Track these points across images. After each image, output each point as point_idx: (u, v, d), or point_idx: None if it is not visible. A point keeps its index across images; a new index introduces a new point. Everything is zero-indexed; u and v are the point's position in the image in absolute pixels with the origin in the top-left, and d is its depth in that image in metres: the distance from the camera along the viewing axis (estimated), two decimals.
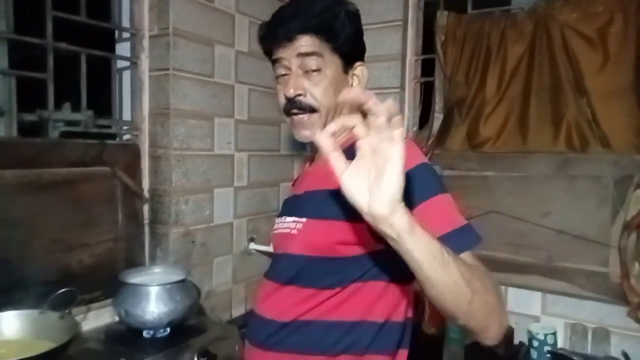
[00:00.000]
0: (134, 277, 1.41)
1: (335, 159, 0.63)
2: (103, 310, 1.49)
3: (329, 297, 0.87)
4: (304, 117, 0.93)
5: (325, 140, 0.64)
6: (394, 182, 0.59)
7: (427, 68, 2.05)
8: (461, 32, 1.88)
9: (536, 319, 1.76)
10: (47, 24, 1.38)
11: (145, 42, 1.65)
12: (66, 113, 1.44)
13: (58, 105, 1.43)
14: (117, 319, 1.47)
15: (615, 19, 1.62)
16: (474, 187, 1.86)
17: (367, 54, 2.14)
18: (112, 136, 1.64)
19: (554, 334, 1.64)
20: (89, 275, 1.45)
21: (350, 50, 0.94)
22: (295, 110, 0.93)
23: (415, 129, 2.06)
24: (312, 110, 0.92)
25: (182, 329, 1.41)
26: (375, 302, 0.87)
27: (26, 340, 1.16)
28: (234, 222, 1.90)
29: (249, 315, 1.02)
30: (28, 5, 1.39)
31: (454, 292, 0.65)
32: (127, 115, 1.69)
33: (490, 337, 0.72)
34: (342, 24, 0.92)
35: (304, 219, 0.91)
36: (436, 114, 1.94)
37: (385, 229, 0.62)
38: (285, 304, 0.91)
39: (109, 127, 1.61)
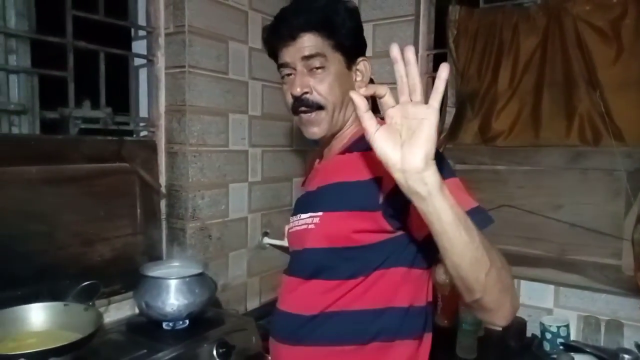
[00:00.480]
0: (154, 271, 1.45)
1: (368, 118, 0.68)
2: (123, 303, 1.52)
3: (352, 287, 0.88)
4: (312, 114, 0.95)
5: (359, 99, 0.69)
6: (431, 137, 0.63)
7: (439, 62, 2.05)
8: (473, 27, 1.88)
9: (549, 311, 1.77)
10: (67, 23, 1.41)
11: (161, 40, 1.67)
12: (86, 110, 1.47)
13: (77, 103, 1.47)
14: (137, 311, 1.51)
15: (629, 11, 1.61)
16: (486, 180, 1.87)
17: (379, 49, 2.15)
18: (129, 133, 1.68)
19: (567, 326, 1.66)
20: (109, 269, 1.49)
21: (351, 45, 0.96)
22: (303, 108, 0.96)
23: None
24: (319, 107, 0.95)
25: (200, 321, 1.45)
26: (399, 287, 0.88)
27: (52, 331, 1.20)
28: (249, 216, 1.93)
29: (273, 312, 1.04)
30: (48, 5, 1.42)
31: (475, 260, 0.68)
32: (143, 112, 1.72)
33: (503, 316, 0.74)
34: (343, 20, 0.94)
35: (320, 213, 0.92)
36: (448, 108, 1.95)
37: (417, 185, 0.64)
38: (310, 298, 0.92)
39: (126, 124, 1.64)
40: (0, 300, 1.19)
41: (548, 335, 1.64)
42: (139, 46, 1.72)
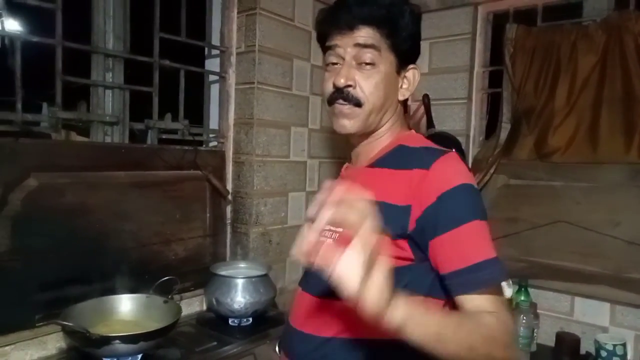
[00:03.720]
0: (223, 270, 1.57)
1: (320, 260, 0.60)
2: (193, 299, 1.66)
3: None
4: (347, 107, 0.91)
5: (303, 255, 0.63)
6: (380, 282, 0.59)
7: (495, 79, 2.10)
8: (530, 44, 1.91)
9: (604, 329, 1.76)
10: (155, 44, 1.58)
11: (233, 58, 1.82)
12: (167, 122, 1.63)
13: (160, 115, 1.62)
14: (205, 307, 1.64)
15: None
16: (541, 196, 1.88)
17: (435, 66, 2.22)
18: (200, 143, 1.83)
19: (624, 345, 1.64)
20: (182, 267, 1.62)
21: (407, 50, 0.93)
22: (340, 101, 0.91)
23: (481, 138, 2.11)
24: (358, 103, 0.90)
25: (263, 320, 1.56)
26: None
27: (137, 320, 1.34)
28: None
29: (285, 327, 1.01)
30: (140, 28, 1.59)
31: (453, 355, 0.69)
32: (213, 124, 1.87)
33: None
34: (406, 22, 0.91)
35: (339, 229, 0.87)
36: (503, 124, 1.98)
37: (380, 323, 0.62)
38: (323, 318, 0.88)
39: (200, 134, 1.79)
40: (93, 290, 1.35)
41: (603, 353, 1.63)
42: (211, 64, 1.87)
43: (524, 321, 1.65)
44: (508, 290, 1.78)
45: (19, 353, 1.21)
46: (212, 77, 1.86)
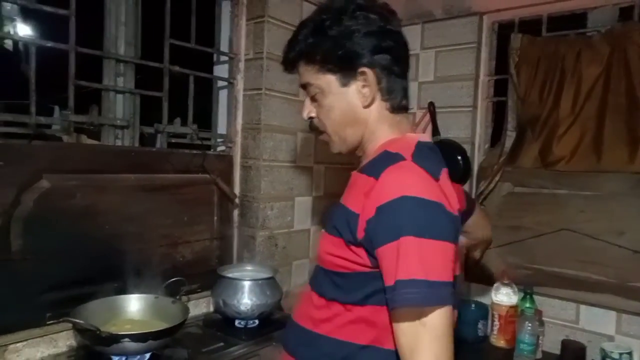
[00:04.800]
0: (230, 272, 1.59)
1: None
2: (200, 300, 1.68)
3: (337, 313, 0.87)
4: (322, 135, 0.99)
5: None
6: None
7: (500, 87, 2.12)
8: (535, 54, 1.93)
9: (610, 338, 1.75)
10: (165, 50, 1.61)
11: (241, 65, 1.85)
12: (176, 126, 1.66)
13: (169, 120, 1.65)
14: (212, 309, 1.66)
15: None
16: (545, 204, 1.89)
17: (440, 74, 2.23)
18: (208, 147, 1.85)
19: (630, 353, 1.63)
20: (189, 269, 1.64)
21: (337, 62, 0.89)
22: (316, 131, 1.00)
23: (487, 146, 2.13)
24: (323, 131, 0.98)
25: (269, 322, 1.57)
26: (385, 327, 0.82)
27: (145, 319, 1.36)
28: (311, 228, 2.05)
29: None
30: (151, 34, 1.62)
31: None
32: (221, 129, 1.90)
33: None
34: (321, 38, 0.89)
35: (323, 230, 0.95)
36: (508, 132, 2.00)
37: None
38: (307, 309, 0.93)
39: (208, 139, 1.82)
40: (102, 290, 1.37)
41: None
42: (220, 70, 1.90)
43: (529, 328, 1.65)
44: (513, 297, 1.78)
45: (30, 350, 1.23)
46: (220, 83, 1.89)
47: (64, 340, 1.29)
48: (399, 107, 0.96)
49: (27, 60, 1.31)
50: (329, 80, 0.91)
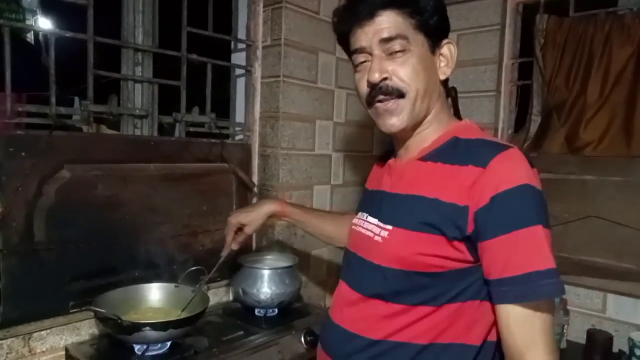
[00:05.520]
0: (250, 261, 1.59)
1: None
2: (220, 290, 1.68)
3: (421, 316, 0.81)
4: (390, 102, 0.85)
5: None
6: None
7: (524, 71, 2.05)
8: (562, 36, 1.86)
9: (639, 327, 1.70)
10: (182, 39, 1.60)
11: (259, 52, 1.83)
12: (195, 115, 1.65)
13: (187, 109, 1.65)
14: (231, 298, 1.67)
15: None
16: (573, 191, 1.84)
17: (463, 58, 2.18)
18: (226, 136, 1.84)
19: None
20: (209, 259, 1.63)
21: (436, 26, 0.85)
22: (380, 97, 0.85)
23: (510, 131, 2.07)
24: (400, 94, 0.84)
25: (288, 311, 1.57)
26: (475, 322, 0.81)
27: (166, 308, 1.36)
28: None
29: (325, 320, 0.98)
30: (168, 23, 1.61)
31: None
32: (239, 118, 1.88)
33: None
34: None
35: (389, 227, 0.86)
36: (533, 117, 1.94)
37: None
38: (372, 320, 0.85)
39: (226, 128, 1.81)
40: (124, 279, 1.38)
41: (638, 352, 1.58)
42: (237, 58, 1.89)
43: None
44: None
45: (54, 338, 1.25)
46: (238, 71, 1.88)
47: (87, 328, 1.31)
48: (445, 84, 0.94)
49: (48, 52, 1.31)
50: (422, 41, 0.85)
